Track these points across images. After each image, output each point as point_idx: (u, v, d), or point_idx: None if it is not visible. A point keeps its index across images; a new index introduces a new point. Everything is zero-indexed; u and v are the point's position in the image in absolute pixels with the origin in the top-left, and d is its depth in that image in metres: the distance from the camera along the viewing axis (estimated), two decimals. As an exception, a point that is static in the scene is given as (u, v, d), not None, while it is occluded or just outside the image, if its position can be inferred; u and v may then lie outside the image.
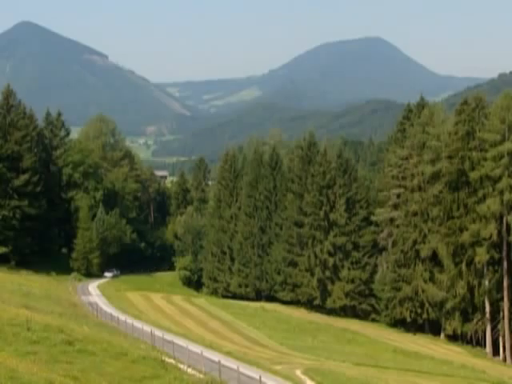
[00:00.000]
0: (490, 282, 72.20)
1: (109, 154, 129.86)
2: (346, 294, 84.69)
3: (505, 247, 70.62)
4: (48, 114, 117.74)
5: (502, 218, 70.15)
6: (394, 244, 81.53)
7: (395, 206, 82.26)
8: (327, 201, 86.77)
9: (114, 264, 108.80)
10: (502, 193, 69.19)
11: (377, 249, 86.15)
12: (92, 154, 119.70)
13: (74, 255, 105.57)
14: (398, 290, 78.99)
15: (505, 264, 70.79)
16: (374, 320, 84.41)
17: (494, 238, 69.67)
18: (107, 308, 70.62)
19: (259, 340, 62.91)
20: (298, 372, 39.19)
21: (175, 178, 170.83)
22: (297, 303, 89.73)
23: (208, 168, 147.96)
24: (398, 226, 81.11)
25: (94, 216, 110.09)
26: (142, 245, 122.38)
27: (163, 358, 32.62)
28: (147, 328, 52.34)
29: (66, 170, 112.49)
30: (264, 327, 70.40)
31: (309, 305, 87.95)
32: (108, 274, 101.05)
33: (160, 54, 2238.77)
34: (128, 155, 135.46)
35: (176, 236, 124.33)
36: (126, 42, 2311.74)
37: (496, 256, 71.16)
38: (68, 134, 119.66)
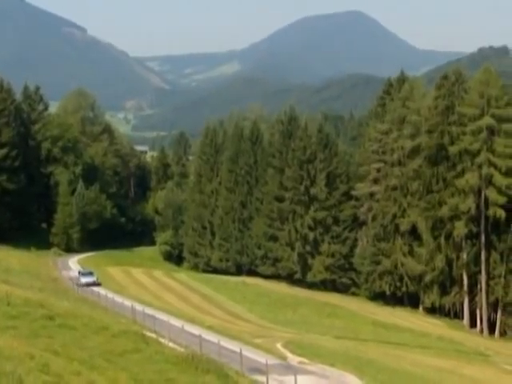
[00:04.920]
0: (467, 255, 73.09)
1: (88, 129, 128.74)
2: (326, 268, 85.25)
3: (483, 221, 71.42)
4: (26, 88, 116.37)
5: (480, 191, 70.88)
6: (374, 218, 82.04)
7: (375, 181, 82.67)
8: (308, 175, 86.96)
9: (94, 239, 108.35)
10: (480, 167, 69.88)
11: (357, 223, 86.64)
12: (71, 129, 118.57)
13: (53, 230, 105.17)
14: (378, 263, 79.73)
15: (482, 237, 71.65)
16: (353, 293, 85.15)
17: (473, 211, 70.46)
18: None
19: (240, 314, 63.30)
20: (279, 345, 39.57)
21: (155, 153, 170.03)
22: (277, 277, 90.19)
23: (188, 143, 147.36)
24: (377, 201, 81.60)
25: (74, 191, 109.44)
26: (123, 220, 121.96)
27: (144, 332, 32.80)
28: (128, 303, 52.44)
29: (44, 144, 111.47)
30: (245, 301, 70.76)
31: (289, 279, 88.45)
32: (84, 280, 68.64)
33: (139, 28, 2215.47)
34: (107, 130, 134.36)
35: (156, 211, 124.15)
36: (105, 15, 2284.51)
37: (474, 230, 71.99)
38: (46, 108, 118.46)
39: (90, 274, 72.21)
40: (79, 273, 72.95)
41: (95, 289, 64.05)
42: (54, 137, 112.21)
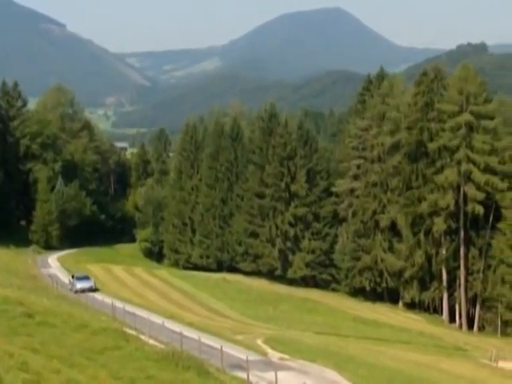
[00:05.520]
0: (447, 251, 73.63)
1: (67, 125, 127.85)
2: (307, 265, 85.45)
3: (462, 217, 71.97)
4: (4, 84, 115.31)
5: (459, 188, 71.37)
6: (354, 214, 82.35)
7: (355, 177, 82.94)
8: (288, 172, 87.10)
9: (74, 236, 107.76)
10: (459, 163, 70.34)
11: (337, 219, 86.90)
12: (50, 125, 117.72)
13: (32, 227, 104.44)
14: (358, 259, 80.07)
15: (461, 233, 72.22)
16: (334, 289, 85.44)
17: (452, 207, 70.92)
18: (67, 280, 70.24)
19: (221, 310, 63.39)
20: (259, 341, 39.68)
21: (135, 150, 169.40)
22: (258, 274, 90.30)
23: (168, 139, 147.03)
24: (357, 197, 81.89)
25: (53, 188, 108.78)
26: (102, 217, 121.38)
27: (124, 329, 32.80)
28: (108, 300, 52.43)
29: (23, 141, 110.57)
30: (225, 298, 70.91)
31: (270, 275, 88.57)
32: (79, 285, 62.80)
33: (119, 24, 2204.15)
34: (87, 126, 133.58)
35: (137, 208, 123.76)
36: (85, 11, 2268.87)
37: (453, 225, 72.48)
38: (25, 104, 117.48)
39: (86, 278, 65.46)
40: (73, 277, 65.05)
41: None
42: (32, 133, 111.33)
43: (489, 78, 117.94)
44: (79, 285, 62.42)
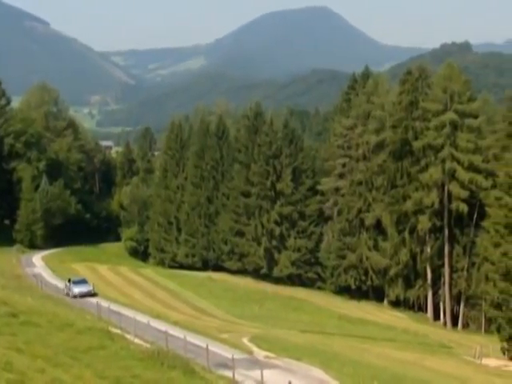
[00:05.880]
0: (431, 249, 74.15)
1: (52, 124, 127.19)
2: (293, 263, 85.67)
3: (446, 215, 72.48)
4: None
5: (443, 186, 71.90)
6: (340, 213, 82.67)
7: (340, 176, 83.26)
8: (274, 171, 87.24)
9: (59, 236, 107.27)
10: (443, 161, 70.83)
11: (322, 218, 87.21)
12: (34, 124, 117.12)
13: (17, 227, 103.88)
14: (343, 258, 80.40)
15: (446, 231, 72.71)
16: (319, 288, 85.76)
17: (436, 206, 71.47)
18: (52, 279, 70.15)
19: (206, 309, 63.41)
20: (245, 340, 39.66)
21: (120, 148, 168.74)
22: (244, 272, 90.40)
23: (154, 138, 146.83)
24: (343, 195, 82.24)
25: (38, 187, 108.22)
26: (87, 216, 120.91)
27: (109, 328, 32.72)
28: (93, 299, 52.26)
29: (7, 139, 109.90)
30: (211, 297, 70.90)
31: (255, 274, 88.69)
32: (77, 290, 57.92)
33: (104, 22, 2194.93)
34: (72, 125, 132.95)
35: (122, 207, 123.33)
36: (69, 9, 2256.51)
37: (438, 224, 73.09)
38: (9, 102, 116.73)
39: (84, 282, 60.69)
40: (69, 281, 59.95)
41: (60, 285, 63.34)
42: (16, 132, 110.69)
43: (473, 77, 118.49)
44: (77, 289, 57.71)
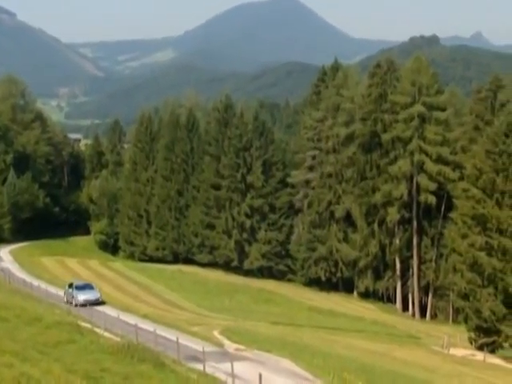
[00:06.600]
0: (400, 240, 74.93)
1: (19, 116, 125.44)
2: (263, 255, 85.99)
3: (414, 207, 73.27)
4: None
5: (412, 178, 72.64)
6: (310, 205, 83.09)
7: (311, 168, 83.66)
8: (244, 163, 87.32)
9: (27, 229, 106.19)
10: (412, 154, 71.53)
11: (293, 210, 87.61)
12: (1, 117, 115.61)
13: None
14: (314, 250, 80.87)
15: (414, 223, 73.51)
16: (290, 280, 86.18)
17: (405, 197, 72.18)
18: (20, 274, 69.41)
19: (177, 302, 63.39)
20: (216, 332, 39.70)
21: (89, 141, 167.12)
22: (214, 265, 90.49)
23: (123, 130, 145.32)
24: (313, 188, 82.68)
25: (5, 180, 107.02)
26: (56, 209, 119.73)
27: (79, 322, 32.58)
28: (62, 293, 51.84)
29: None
30: (181, 290, 70.93)
31: (226, 266, 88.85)
32: (82, 297, 48.67)
33: (72, 14, 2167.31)
34: (39, 117, 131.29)
35: (91, 200, 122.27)
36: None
37: (406, 215, 73.83)
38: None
39: (90, 287, 51.55)
40: (71, 286, 51.01)
41: (28, 279, 62.51)
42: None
43: (440, 70, 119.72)
44: (81, 296, 48.61)
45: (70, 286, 51.11)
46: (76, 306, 47.15)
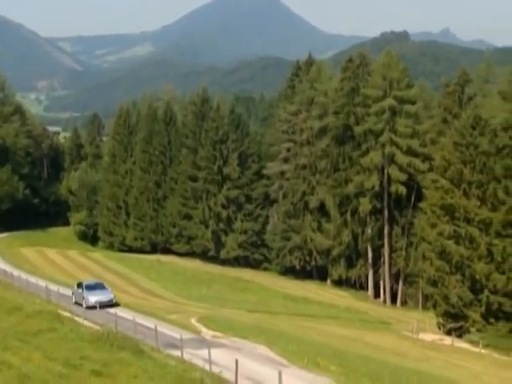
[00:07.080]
0: (372, 229, 76.58)
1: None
2: (239, 245, 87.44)
3: (386, 197, 75.01)
4: None
5: (383, 169, 74.26)
6: (285, 196, 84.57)
7: (285, 160, 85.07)
8: (220, 155, 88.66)
9: (7, 221, 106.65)
10: (383, 146, 73.15)
11: (268, 201, 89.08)
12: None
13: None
14: (288, 239, 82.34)
15: (385, 213, 75.33)
16: (265, 269, 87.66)
17: (376, 188, 73.72)
18: (0, 264, 69.48)
19: (155, 291, 63.85)
20: (193, 320, 40.18)
21: (69, 134, 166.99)
22: (192, 255, 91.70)
23: (102, 123, 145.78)
24: (288, 179, 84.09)
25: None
26: (36, 201, 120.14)
27: (59, 311, 32.91)
28: (42, 283, 51.89)
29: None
30: (160, 279, 71.53)
31: (203, 256, 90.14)
32: (94, 298, 42.45)
33: (50, 8, 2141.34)
34: (19, 110, 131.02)
35: (71, 192, 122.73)
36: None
37: (378, 206, 75.39)
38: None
39: (102, 287, 45.79)
40: (80, 286, 45.17)
41: (8, 270, 61.79)
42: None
43: (410, 65, 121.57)
44: (93, 298, 42.79)
45: (79, 285, 45.25)
46: (87, 308, 41.68)
